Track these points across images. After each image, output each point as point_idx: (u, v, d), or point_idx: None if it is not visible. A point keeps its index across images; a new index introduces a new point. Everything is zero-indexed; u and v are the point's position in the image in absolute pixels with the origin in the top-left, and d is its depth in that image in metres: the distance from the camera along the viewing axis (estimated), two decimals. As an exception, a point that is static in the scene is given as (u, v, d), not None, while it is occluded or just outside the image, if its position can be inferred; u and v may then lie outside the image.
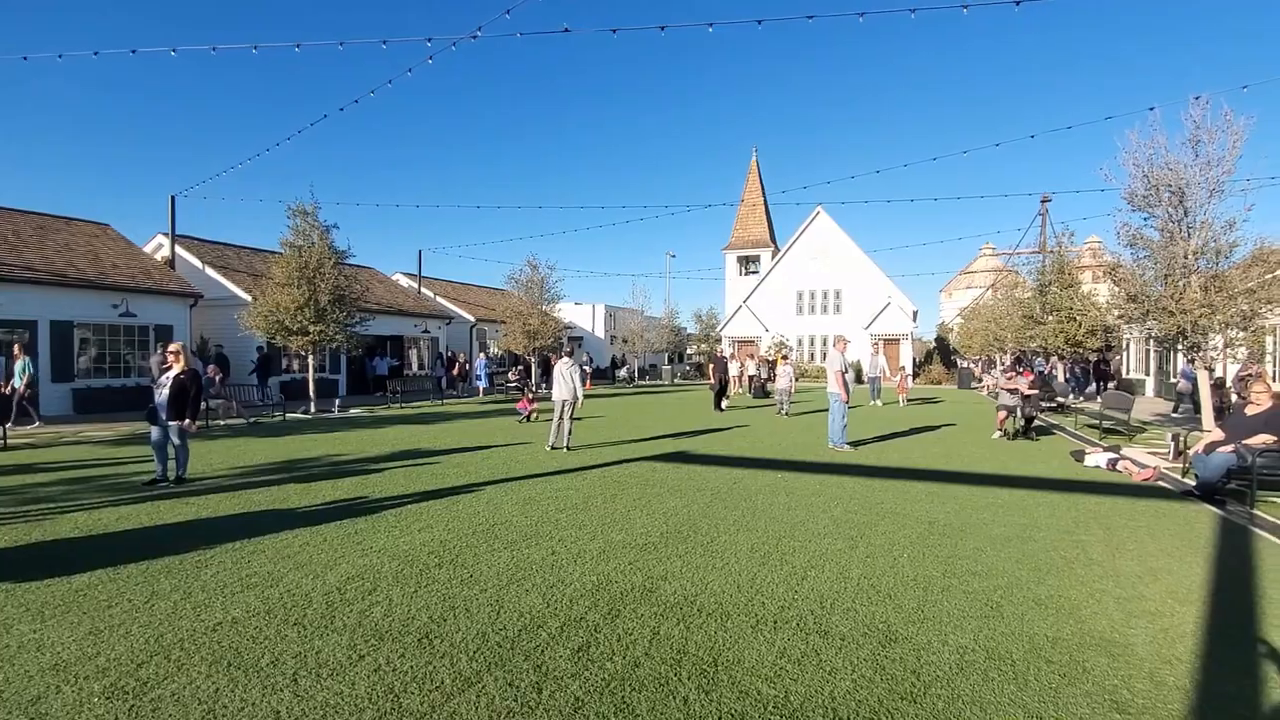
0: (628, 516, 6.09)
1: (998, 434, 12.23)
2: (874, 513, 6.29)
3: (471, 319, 31.05)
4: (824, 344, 36.53)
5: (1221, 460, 6.82)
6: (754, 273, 42.13)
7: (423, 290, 30.77)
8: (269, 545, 5.11)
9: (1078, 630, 3.61)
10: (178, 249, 21.06)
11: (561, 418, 10.41)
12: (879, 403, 20.05)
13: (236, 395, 15.69)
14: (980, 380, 30.21)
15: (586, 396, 14.57)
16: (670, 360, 42.24)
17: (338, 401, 18.37)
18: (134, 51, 11.22)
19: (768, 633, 3.51)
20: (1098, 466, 8.90)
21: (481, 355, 26.89)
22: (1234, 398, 12.16)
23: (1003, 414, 12.24)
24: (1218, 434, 7.37)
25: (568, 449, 10.32)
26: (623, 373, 35.61)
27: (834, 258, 37.16)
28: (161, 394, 7.32)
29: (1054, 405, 16.96)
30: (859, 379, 27.80)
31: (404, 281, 32.27)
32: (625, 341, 37.94)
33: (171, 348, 7.58)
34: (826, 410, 11.23)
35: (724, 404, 18.09)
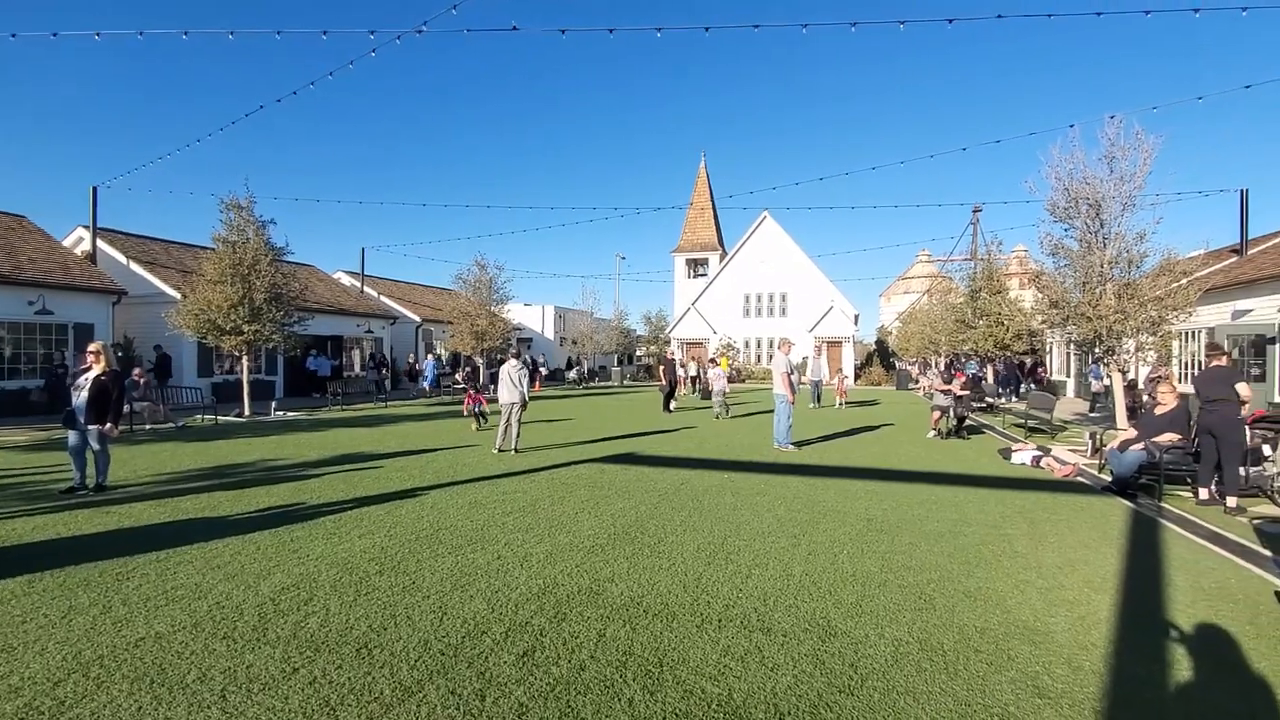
0: (575, 519, 6.08)
1: (932, 433, 12.74)
2: (816, 511, 6.46)
3: (417, 319, 30.34)
4: (770, 346, 37.25)
5: (1133, 457, 7.30)
6: (702, 275, 42.63)
7: (366, 289, 29.89)
8: (196, 555, 4.87)
9: (1004, 620, 3.80)
10: (100, 243, 19.82)
11: (509, 420, 10.31)
12: (818, 405, 20.51)
13: (165, 397, 14.86)
14: (917, 382, 31.41)
15: (535, 398, 14.45)
16: (620, 362, 42.30)
17: (274, 404, 17.65)
18: (55, 35, 10.51)
19: (712, 631, 3.57)
20: (1023, 463, 9.39)
21: (430, 356, 26.34)
22: (1145, 398, 13.03)
23: (937, 414, 12.76)
24: (1131, 432, 7.88)
25: (515, 451, 10.23)
26: (572, 374, 35.44)
27: (780, 262, 37.96)
28: (80, 396, 6.87)
29: (984, 406, 17.79)
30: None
31: (346, 280, 31.27)
32: (575, 343, 37.80)
33: (91, 347, 7.13)
34: (770, 411, 11.46)
35: (673, 405, 18.25)
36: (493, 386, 10.66)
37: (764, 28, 10.14)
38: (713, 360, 25.49)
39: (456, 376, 24.51)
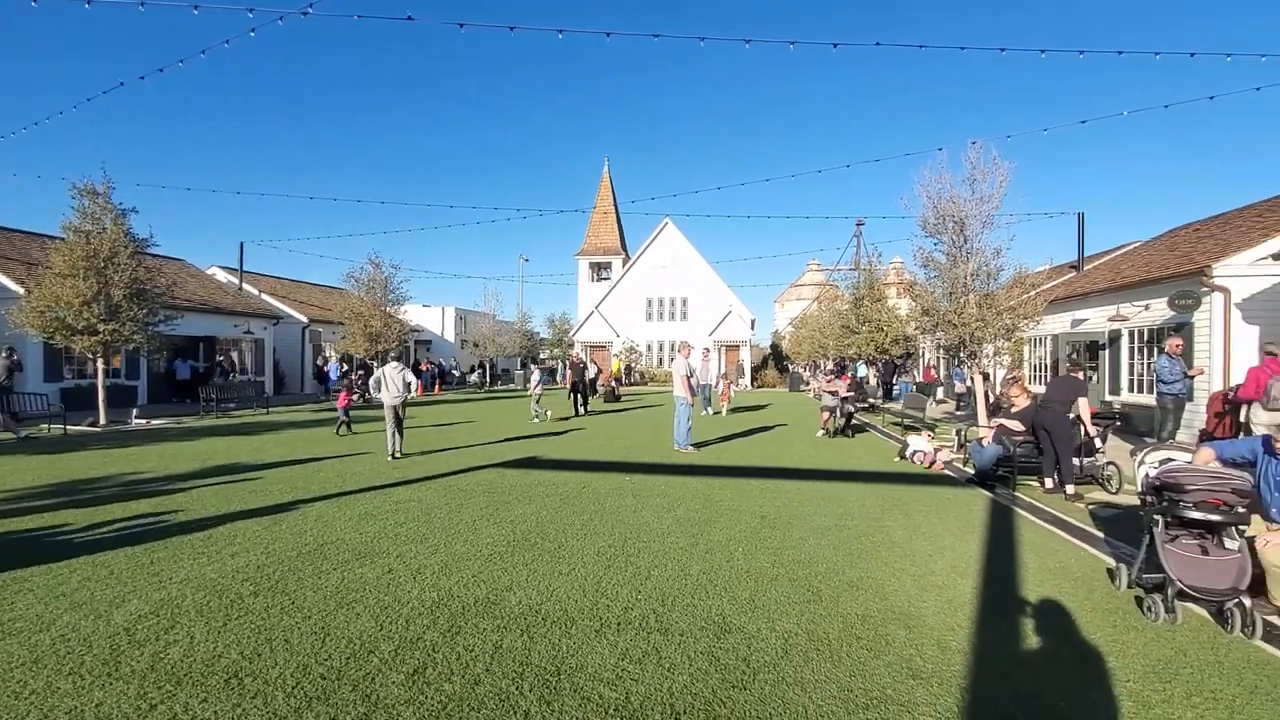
0: (473, 527, 5.91)
1: (821, 432, 13.47)
2: (713, 510, 6.65)
3: (304, 319, 28.36)
4: (672, 349, 37.97)
5: (992, 452, 8.06)
6: (606, 279, 42.79)
7: (245, 286, 27.63)
8: (38, 582, 4.31)
9: (882, 607, 4.08)
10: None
11: (395, 424, 10.01)
12: (709, 411, 19.59)
13: (8, 405, 12.97)
14: (808, 384, 33.09)
15: (434, 402, 13.94)
16: (523, 364, 41.63)
17: (135, 411, 15.92)
18: None
19: (611, 635, 3.58)
20: (911, 458, 9.99)
21: (334, 359, 24.77)
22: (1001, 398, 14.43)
23: (825, 414, 13.51)
24: (990, 429, 8.69)
25: (401, 455, 10.02)
26: (473, 377, 34.43)
27: (681, 267, 38.77)
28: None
29: (866, 406, 19.02)
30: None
31: (222, 276, 28.77)
32: (477, 345, 36.78)
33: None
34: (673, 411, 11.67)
35: (584, 407, 18.28)
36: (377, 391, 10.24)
37: (664, 37, 10.41)
38: (586, 364, 25.45)
39: (347, 380, 23.18)
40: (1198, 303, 11.40)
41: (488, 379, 35.68)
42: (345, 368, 25.51)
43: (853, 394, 14.03)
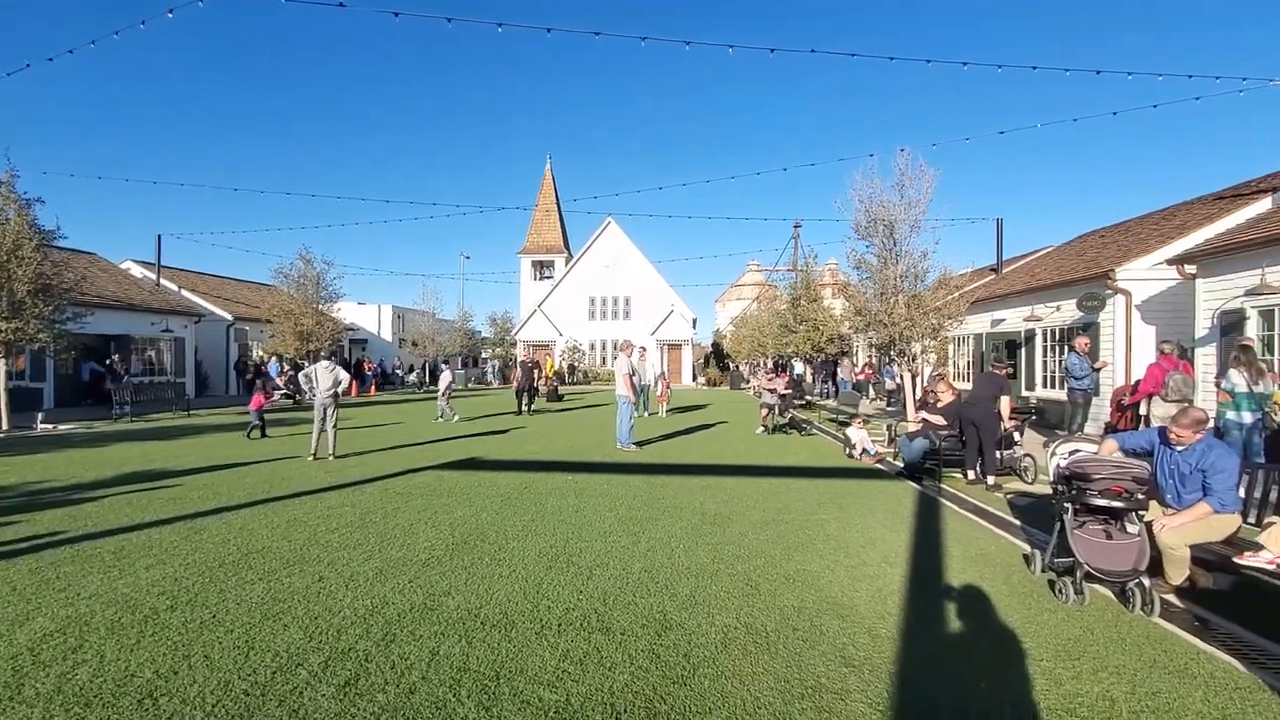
0: (410, 530, 5.76)
1: (760, 429, 13.77)
2: (655, 508, 6.70)
3: (228, 317, 26.91)
4: (615, 348, 38.01)
5: (920, 445, 8.43)
6: (548, 278, 42.46)
7: (163, 282, 26.05)
8: (-88, 609, 3.93)
9: (817, 598, 4.20)
10: None
11: (323, 424, 9.68)
12: (644, 414, 17.96)
13: None
14: (748, 381, 33.77)
15: (371, 402, 13.51)
16: (465, 364, 40.81)
17: (41, 416, 14.75)
18: None
19: (552, 637, 3.56)
20: (851, 453, 10.30)
21: (274, 359, 23.58)
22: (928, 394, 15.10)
23: (765, 411, 13.81)
24: (918, 424, 9.09)
25: (335, 457, 9.69)
26: (412, 377, 33.50)
27: (623, 266, 38.85)
28: None
29: (804, 403, 19.56)
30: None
31: (138, 271, 27.00)
32: (415, 345, 35.80)
33: None
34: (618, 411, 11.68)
35: (529, 407, 18.06)
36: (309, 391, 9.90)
37: (605, 35, 10.35)
38: (537, 362, 25.10)
39: (276, 380, 22.22)
40: (1102, 304, 12.24)
41: (427, 379, 34.82)
42: (287, 366, 24.44)
43: (791, 391, 14.41)
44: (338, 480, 8.12)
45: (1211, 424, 6.41)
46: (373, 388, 29.89)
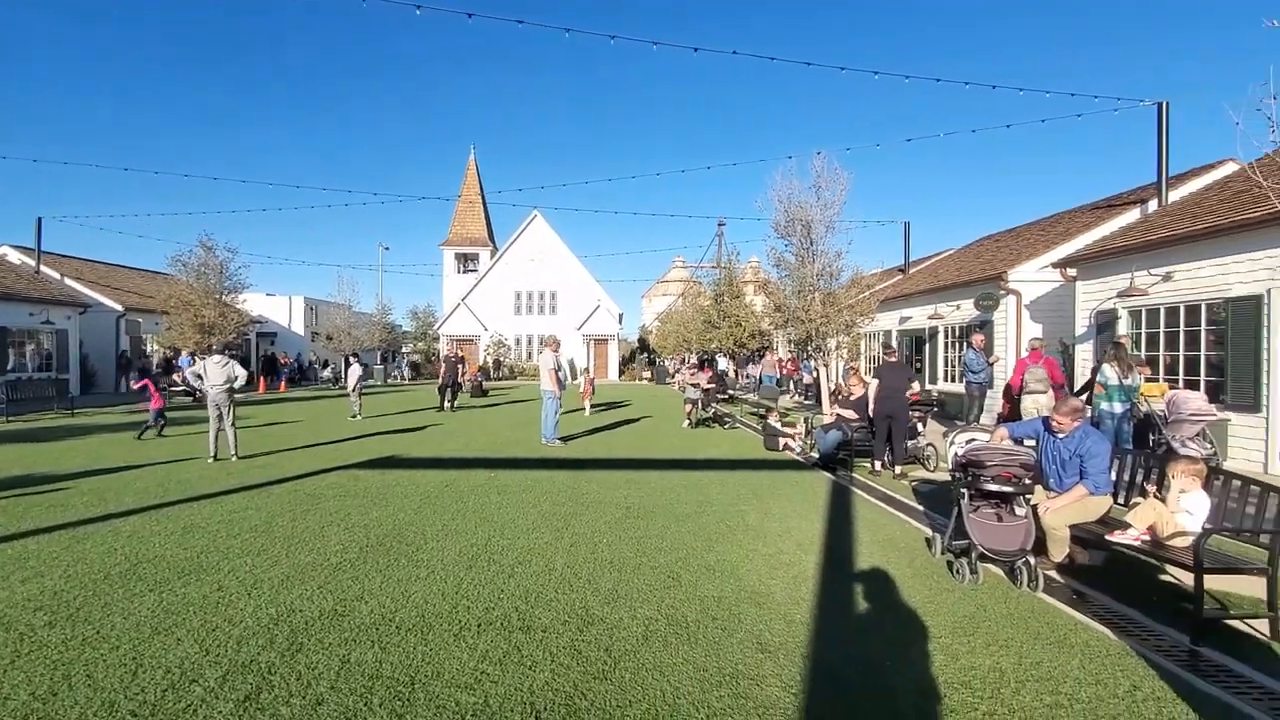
0: (320, 534, 5.49)
1: (685, 423, 13.99)
2: (579, 503, 6.68)
3: (119, 308, 24.69)
4: (540, 343, 37.58)
5: (834, 437, 8.80)
6: (473, 271, 41.46)
7: (44, 269, 23.66)
8: None
9: (736, 587, 4.32)
10: None
11: (220, 423, 9.12)
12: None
13: None
14: (673, 377, 34.22)
15: (280, 400, 12.77)
16: (384, 359, 39.24)
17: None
18: None
19: (471, 638, 3.48)
20: (781, 449, 10.58)
21: (185, 353, 21.72)
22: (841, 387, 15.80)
23: (689, 406, 14.04)
24: (832, 417, 9.49)
25: (236, 457, 9.18)
26: (326, 373, 31.90)
27: (550, 261, 38.43)
28: None
29: (727, 397, 20.02)
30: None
31: (15, 257, 24.39)
32: (330, 339, 34.08)
33: None
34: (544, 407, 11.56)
35: (452, 403, 17.57)
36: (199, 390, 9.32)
37: (528, 24, 10.10)
38: (462, 358, 24.43)
39: (175, 377, 20.62)
40: (997, 304, 13.19)
41: (344, 374, 33.28)
42: (197, 359, 22.75)
43: (714, 386, 14.71)
44: (241, 482, 7.64)
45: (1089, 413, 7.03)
46: (283, 384, 28.26)
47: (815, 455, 9.51)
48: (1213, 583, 3.96)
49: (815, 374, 15.69)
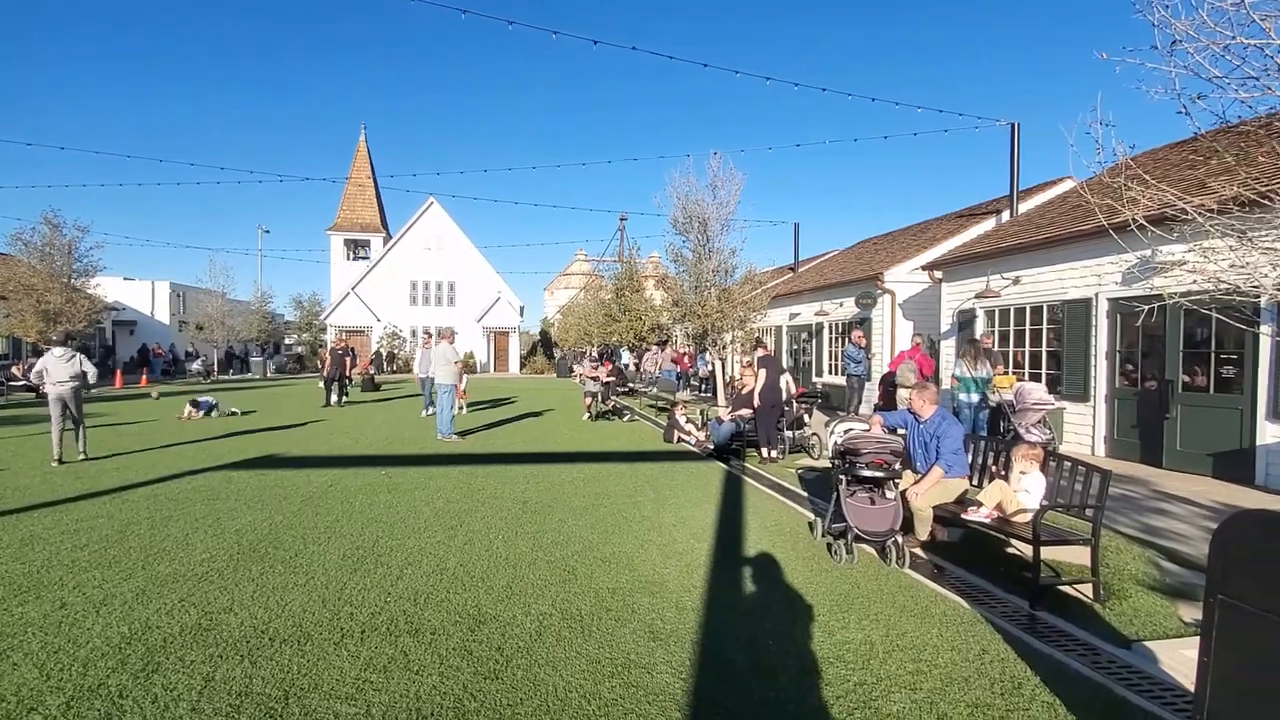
0: (184, 542, 5.04)
1: (585, 416, 14.02)
2: (475, 499, 6.55)
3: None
4: (437, 335, 36.29)
5: (728, 428, 9.14)
6: (364, 259, 39.25)
7: None
8: None
9: (631, 578, 4.40)
10: None
11: (64, 421, 8.25)
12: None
13: None
14: (574, 370, 34.15)
15: (139, 395, 11.56)
16: (264, 351, 36.39)
17: None
18: None
19: (353, 646, 3.34)
20: (675, 440, 10.78)
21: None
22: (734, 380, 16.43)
23: (589, 399, 14.08)
24: (730, 418, 9.85)
25: (86, 458, 8.38)
26: (195, 365, 29.15)
27: (447, 250, 37.12)
28: None
29: (627, 390, 20.25)
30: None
31: None
32: (200, 328, 31.15)
33: None
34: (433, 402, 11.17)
35: (339, 399, 16.60)
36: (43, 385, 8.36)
37: (425, 2, 9.65)
38: (351, 350, 23.13)
39: (14, 370, 18.21)
40: (874, 302, 14.17)
41: (215, 368, 30.57)
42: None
43: (614, 379, 14.82)
44: (92, 488, 6.87)
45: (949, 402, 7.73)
46: (143, 378, 25.57)
47: (710, 446, 9.83)
48: (1048, 554, 4.48)
49: (711, 367, 16.19)
